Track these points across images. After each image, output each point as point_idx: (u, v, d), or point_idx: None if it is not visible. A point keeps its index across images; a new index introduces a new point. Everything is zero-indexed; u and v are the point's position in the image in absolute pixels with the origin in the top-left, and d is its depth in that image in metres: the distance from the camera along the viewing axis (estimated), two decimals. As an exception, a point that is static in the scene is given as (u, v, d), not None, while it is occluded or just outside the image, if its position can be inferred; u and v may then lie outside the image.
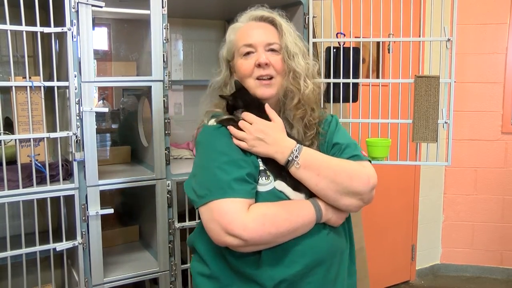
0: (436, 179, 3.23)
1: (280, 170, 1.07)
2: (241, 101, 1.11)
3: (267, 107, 1.11)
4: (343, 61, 1.71)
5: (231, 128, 1.08)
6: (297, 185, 1.07)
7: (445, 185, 3.26)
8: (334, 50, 1.78)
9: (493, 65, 3.11)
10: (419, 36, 1.81)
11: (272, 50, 1.13)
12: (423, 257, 3.25)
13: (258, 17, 1.17)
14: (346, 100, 1.73)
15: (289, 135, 1.11)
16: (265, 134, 1.06)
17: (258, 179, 1.07)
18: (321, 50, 1.82)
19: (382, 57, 1.70)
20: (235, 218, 0.97)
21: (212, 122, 1.15)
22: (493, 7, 3.07)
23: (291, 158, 1.04)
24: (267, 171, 1.08)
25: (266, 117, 1.10)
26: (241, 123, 1.08)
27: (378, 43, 1.78)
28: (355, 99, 1.77)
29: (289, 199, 1.06)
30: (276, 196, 1.06)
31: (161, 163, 1.60)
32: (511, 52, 3.08)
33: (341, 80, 1.71)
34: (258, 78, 1.12)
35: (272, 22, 1.16)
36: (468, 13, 3.05)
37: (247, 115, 1.09)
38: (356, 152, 1.13)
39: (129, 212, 2.04)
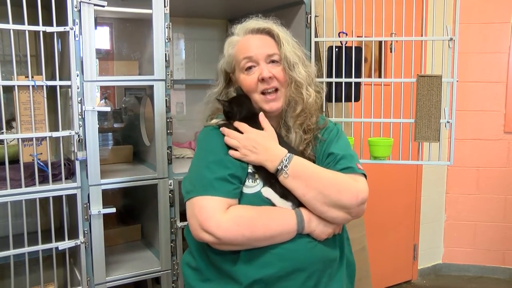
0: (438, 178, 3.22)
1: (269, 177, 1.08)
2: (236, 107, 1.13)
3: (261, 116, 1.12)
4: (345, 61, 1.71)
5: (226, 139, 1.10)
6: (285, 193, 1.07)
7: (447, 184, 3.25)
8: (336, 49, 1.78)
9: (495, 64, 3.10)
10: (421, 36, 1.80)
11: (273, 61, 1.13)
12: (425, 256, 3.25)
13: (255, 29, 1.16)
14: (348, 99, 1.73)
15: (283, 142, 1.13)
16: (255, 143, 1.07)
17: (245, 181, 1.08)
18: (323, 50, 1.82)
19: (384, 57, 1.69)
20: (211, 216, 1.00)
21: (212, 122, 1.17)
22: (495, 6, 3.06)
23: (280, 167, 1.05)
24: (256, 175, 1.10)
25: (259, 125, 1.12)
26: (232, 134, 1.10)
27: (380, 42, 1.77)
28: (357, 98, 1.76)
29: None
30: (260, 199, 1.07)
31: (163, 162, 1.60)
32: (513, 52, 3.07)
33: (343, 80, 1.71)
34: (263, 93, 1.13)
35: (270, 33, 1.15)
36: (471, 12, 3.04)
37: (239, 125, 1.11)
38: (350, 164, 1.11)
39: (131, 211, 2.04)
